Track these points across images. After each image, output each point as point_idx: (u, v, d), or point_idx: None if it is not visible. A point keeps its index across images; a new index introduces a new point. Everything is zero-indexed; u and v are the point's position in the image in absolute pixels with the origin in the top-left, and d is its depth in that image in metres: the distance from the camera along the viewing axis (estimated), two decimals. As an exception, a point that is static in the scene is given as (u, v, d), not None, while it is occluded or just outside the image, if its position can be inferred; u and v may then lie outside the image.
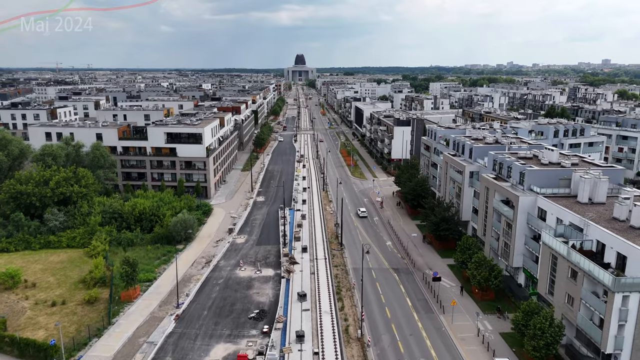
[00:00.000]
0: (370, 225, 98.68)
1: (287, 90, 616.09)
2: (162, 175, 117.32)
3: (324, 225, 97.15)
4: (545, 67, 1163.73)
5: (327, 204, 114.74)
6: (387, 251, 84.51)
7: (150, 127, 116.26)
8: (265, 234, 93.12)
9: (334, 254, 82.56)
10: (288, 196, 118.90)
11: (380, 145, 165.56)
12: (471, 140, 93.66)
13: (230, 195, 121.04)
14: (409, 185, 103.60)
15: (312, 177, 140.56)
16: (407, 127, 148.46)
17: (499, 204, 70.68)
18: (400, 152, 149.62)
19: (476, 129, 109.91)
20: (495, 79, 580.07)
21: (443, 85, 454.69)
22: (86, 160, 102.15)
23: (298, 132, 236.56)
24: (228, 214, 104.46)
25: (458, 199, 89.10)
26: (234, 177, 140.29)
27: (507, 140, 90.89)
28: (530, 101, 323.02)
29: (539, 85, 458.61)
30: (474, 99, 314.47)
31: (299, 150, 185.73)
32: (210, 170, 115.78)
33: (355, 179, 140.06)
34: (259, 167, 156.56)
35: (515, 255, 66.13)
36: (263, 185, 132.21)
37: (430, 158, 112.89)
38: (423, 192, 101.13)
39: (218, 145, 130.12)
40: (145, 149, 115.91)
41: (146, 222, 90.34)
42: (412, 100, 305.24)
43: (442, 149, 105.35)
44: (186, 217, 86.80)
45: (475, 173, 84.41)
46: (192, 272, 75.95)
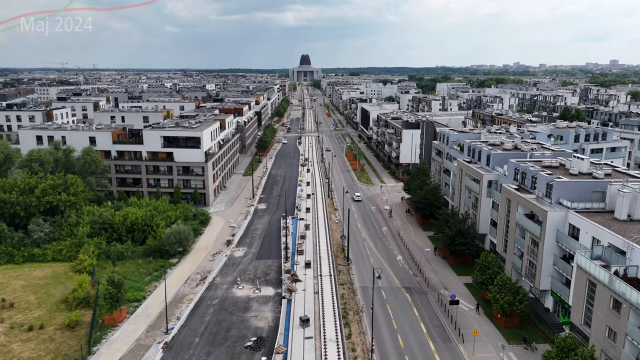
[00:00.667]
0: (379, 236, 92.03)
1: (292, 91, 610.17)
2: (158, 181, 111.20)
3: (329, 236, 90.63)
4: (553, 67, 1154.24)
5: (333, 212, 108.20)
6: (398, 267, 77.85)
7: (146, 131, 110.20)
8: (266, 246, 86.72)
9: (340, 270, 76.00)
10: (291, 203, 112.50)
11: (387, 148, 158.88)
12: (488, 146, 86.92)
13: (230, 202, 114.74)
14: (420, 193, 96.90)
15: (316, 183, 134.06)
16: (417, 130, 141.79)
17: (522, 218, 63.94)
18: (409, 156, 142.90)
19: (492, 134, 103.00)
20: (503, 80, 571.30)
21: (450, 86, 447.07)
22: (77, 166, 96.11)
23: (302, 134, 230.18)
24: (227, 224, 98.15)
25: (474, 209, 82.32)
26: (235, 183, 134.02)
27: (527, 146, 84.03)
28: (540, 102, 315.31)
29: (548, 86, 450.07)
30: (483, 100, 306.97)
31: (303, 154, 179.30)
32: (209, 176, 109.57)
33: (361, 185, 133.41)
34: (261, 171, 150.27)
35: (542, 276, 59.33)
36: (265, 191, 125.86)
37: (442, 164, 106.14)
38: (435, 201, 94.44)
39: (218, 149, 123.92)
40: (141, 153, 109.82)
41: (138, 233, 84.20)
42: (419, 101, 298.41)
43: (455, 155, 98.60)
44: (180, 229, 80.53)
45: (493, 182, 77.66)
46: (185, 290, 69.61)
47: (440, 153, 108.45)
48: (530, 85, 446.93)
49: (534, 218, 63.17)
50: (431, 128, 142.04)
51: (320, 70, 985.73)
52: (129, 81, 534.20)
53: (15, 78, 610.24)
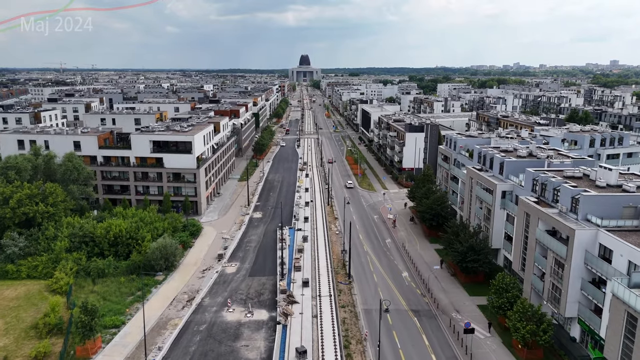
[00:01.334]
0: (382, 249, 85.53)
1: (291, 91, 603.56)
2: (147, 188, 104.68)
3: (328, 249, 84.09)
4: (553, 67, 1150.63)
5: (333, 221, 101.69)
6: (404, 285, 71.34)
7: (134, 135, 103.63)
8: (260, 260, 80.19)
9: (341, 290, 69.49)
10: (288, 212, 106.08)
11: (389, 152, 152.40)
12: (500, 152, 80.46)
13: (223, 210, 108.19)
14: (425, 202, 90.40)
15: (315, 189, 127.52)
16: (420, 133, 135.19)
17: (543, 235, 57.46)
18: (413, 161, 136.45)
19: (503, 138, 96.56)
20: (505, 81, 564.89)
21: (452, 87, 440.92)
22: (58, 174, 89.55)
23: (301, 136, 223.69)
24: (219, 235, 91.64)
25: (486, 222, 75.82)
26: (230, 189, 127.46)
27: (543, 153, 77.55)
28: (544, 103, 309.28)
29: (550, 86, 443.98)
30: (486, 101, 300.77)
31: (302, 157, 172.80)
32: (201, 183, 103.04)
33: (363, 191, 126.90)
34: (257, 176, 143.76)
35: (568, 302, 52.80)
36: (261, 198, 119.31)
37: (449, 170, 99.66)
38: (442, 211, 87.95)
39: (212, 153, 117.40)
40: (129, 159, 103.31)
41: (122, 247, 77.65)
42: (420, 102, 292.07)
43: (464, 161, 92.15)
44: (167, 243, 74.00)
45: (508, 193, 71.21)
46: (170, 313, 63.07)
47: (447, 159, 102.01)
48: (533, 86, 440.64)
49: (556, 234, 56.85)
50: (436, 131, 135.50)
51: (320, 71, 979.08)
52: (127, 82, 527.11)
53: (12, 78, 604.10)
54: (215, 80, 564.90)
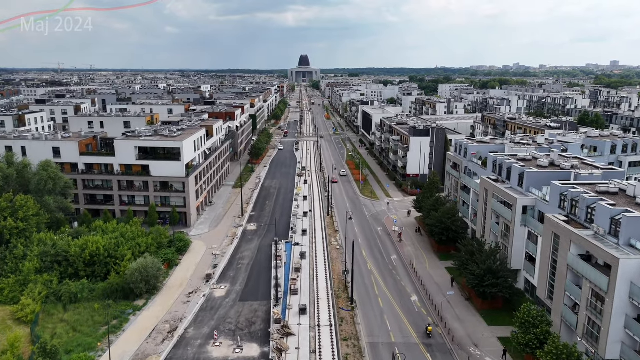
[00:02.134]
0: (388, 268, 77.79)
1: (291, 92, 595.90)
2: (132, 198, 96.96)
3: (328, 268, 76.33)
4: (553, 68, 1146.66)
5: (333, 234, 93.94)
6: (414, 312, 63.63)
7: (119, 141, 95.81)
8: (253, 282, 72.40)
9: (343, 317, 61.80)
10: (285, 223, 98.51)
11: (392, 157, 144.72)
12: (518, 161, 72.80)
13: (215, 221, 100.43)
14: (434, 215, 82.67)
15: (314, 197, 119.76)
16: (426, 137, 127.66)
17: (577, 261, 49.79)
18: (418, 167, 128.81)
19: (518, 145, 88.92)
20: (506, 81, 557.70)
21: (453, 88, 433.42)
22: (32, 184, 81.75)
23: (300, 139, 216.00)
24: (209, 250, 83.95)
25: (505, 239, 68.14)
26: (223, 197, 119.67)
27: (567, 162, 69.81)
28: (549, 105, 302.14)
29: (553, 87, 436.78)
30: (489, 102, 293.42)
31: (301, 161, 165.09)
32: (190, 192, 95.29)
33: (365, 199, 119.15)
34: (253, 182, 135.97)
35: (609, 342, 45.13)
36: (256, 207, 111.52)
37: (459, 179, 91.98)
38: (453, 225, 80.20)
39: (203, 159, 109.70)
40: (113, 166, 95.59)
41: (100, 267, 69.96)
42: (422, 103, 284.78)
43: (476, 170, 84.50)
44: (148, 264, 66.21)
45: (530, 208, 63.57)
46: (147, 348, 55.27)
47: (457, 166, 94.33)
48: (536, 87, 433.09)
49: (590, 259, 49.25)
50: (442, 135, 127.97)
51: (320, 71, 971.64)
52: (124, 82, 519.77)
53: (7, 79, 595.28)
54: (214, 81, 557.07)
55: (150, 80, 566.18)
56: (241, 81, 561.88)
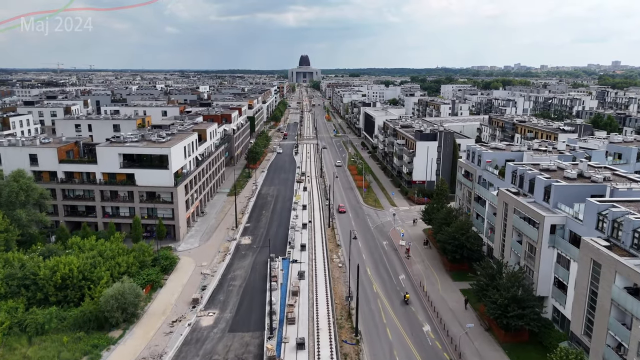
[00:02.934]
0: (396, 290, 70.00)
1: (291, 93, 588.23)
2: (117, 209, 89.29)
3: (329, 291, 68.50)
4: (554, 68, 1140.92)
5: (334, 249, 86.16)
6: (426, 345, 55.83)
7: (101, 147, 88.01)
8: (245, 307, 64.66)
9: (346, 352, 54.03)
10: (282, 235, 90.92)
11: (397, 162, 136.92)
12: (542, 172, 65.05)
13: (207, 234, 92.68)
14: (447, 231, 74.86)
15: (314, 206, 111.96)
16: (433, 142, 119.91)
17: (624, 296, 42.07)
18: (424, 173, 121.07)
19: (537, 152, 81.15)
20: (509, 81, 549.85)
21: (456, 88, 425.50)
22: (2, 196, 74.05)
23: (300, 142, 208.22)
24: (198, 269, 76.23)
25: (529, 261, 60.32)
26: (217, 206, 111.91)
27: (598, 174, 62.00)
28: (555, 106, 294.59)
29: (558, 88, 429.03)
30: (494, 103, 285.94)
31: (300, 166, 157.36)
32: (179, 203, 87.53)
33: (369, 209, 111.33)
34: (250, 189, 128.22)
35: (669, 398, 37.43)
36: (252, 218, 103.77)
37: (472, 189, 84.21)
38: (468, 243, 72.40)
39: (195, 166, 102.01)
40: (95, 175, 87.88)
41: (73, 291, 62.23)
42: (426, 104, 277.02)
43: (492, 180, 76.77)
44: (125, 289, 58.46)
45: (559, 227, 55.84)
46: (119, 394, 47.57)
47: (469, 175, 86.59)
48: (540, 88, 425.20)
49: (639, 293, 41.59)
50: (450, 140, 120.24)
51: (320, 71, 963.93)
52: (122, 82, 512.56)
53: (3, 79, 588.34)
54: (213, 81, 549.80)
55: (148, 80, 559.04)
56: (241, 81, 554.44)
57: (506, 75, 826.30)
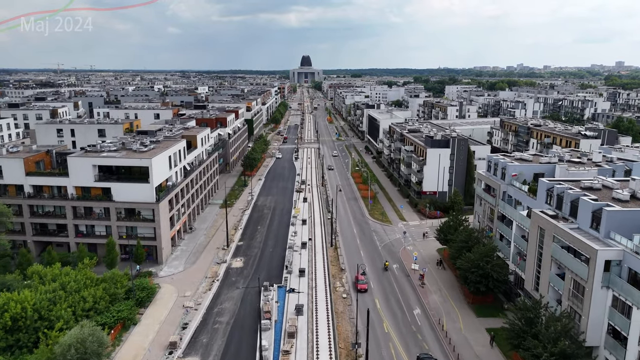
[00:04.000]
0: (410, 328, 59.66)
1: (292, 93, 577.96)
2: (92, 228, 79.06)
3: (332, 331, 58.10)
4: (558, 69, 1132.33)
5: (338, 274, 75.72)
6: (452, 409, 45.45)
7: (73, 158, 77.65)
8: (231, 354, 54.18)
9: (354, 420, 43.66)
10: (278, 257, 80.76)
11: (405, 170, 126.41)
12: (584, 191, 54.64)
13: (194, 255, 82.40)
14: (468, 257, 64.40)
15: (315, 220, 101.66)
16: (445, 149, 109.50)
17: None
18: (436, 183, 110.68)
19: (570, 164, 70.64)
20: (515, 82, 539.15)
21: (461, 89, 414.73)
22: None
23: (300, 146, 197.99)
24: (180, 300, 65.95)
25: (575, 302, 49.82)
26: (208, 220, 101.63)
27: (655, 195, 51.54)
28: (566, 107, 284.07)
29: (566, 89, 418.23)
30: (502, 105, 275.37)
31: (300, 173, 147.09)
32: (161, 221, 77.22)
33: (375, 223, 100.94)
34: (245, 200, 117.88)
35: None
36: (246, 234, 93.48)
37: (495, 207, 73.74)
38: (495, 272, 61.93)
39: (182, 176, 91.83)
40: (66, 189, 77.68)
41: (26, 335, 52.02)
42: (432, 106, 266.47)
43: (521, 198, 66.32)
44: (86, 336, 48.04)
45: (615, 264, 45.43)
46: None
47: (491, 189, 76.16)
48: (547, 88, 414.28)
49: None
50: (464, 147, 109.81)
51: (322, 72, 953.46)
52: (120, 83, 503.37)
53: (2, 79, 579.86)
54: (213, 82, 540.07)
55: (147, 81, 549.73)
56: (241, 82, 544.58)
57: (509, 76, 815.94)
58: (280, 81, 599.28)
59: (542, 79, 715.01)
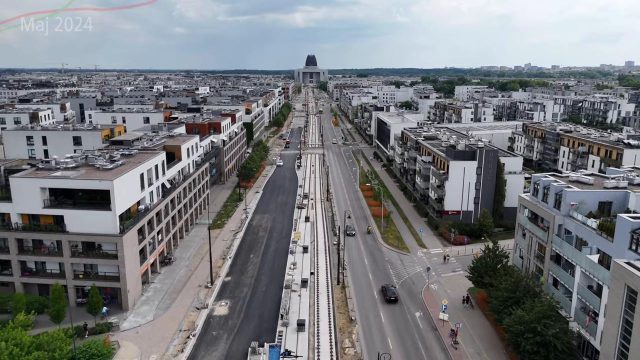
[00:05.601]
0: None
1: (296, 94, 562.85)
2: (42, 265, 64.05)
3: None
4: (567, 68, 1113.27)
5: (346, 327, 60.00)
6: None
7: (16, 178, 62.40)
8: None
9: None
10: (273, 298, 65.58)
11: (421, 183, 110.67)
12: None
13: (169, 297, 67.07)
14: (521, 317, 48.48)
15: (318, 247, 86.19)
16: (471, 162, 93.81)
17: None
18: (459, 201, 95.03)
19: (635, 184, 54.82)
20: (527, 82, 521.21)
21: (473, 89, 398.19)
22: None
23: (304, 151, 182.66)
24: (143, 368, 50.80)
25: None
26: (193, 246, 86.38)
27: None
28: (587, 110, 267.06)
29: (582, 89, 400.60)
30: (519, 107, 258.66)
31: (302, 185, 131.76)
32: (126, 257, 61.92)
33: (390, 251, 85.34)
34: (238, 219, 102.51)
35: None
36: (236, 265, 78.14)
37: (547, 243, 57.94)
38: (559, 342, 46.06)
39: (161, 197, 76.77)
40: (9, 217, 62.67)
41: None
42: (444, 108, 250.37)
43: (587, 237, 50.49)
44: None
45: None
46: None
47: (539, 219, 60.49)
48: (563, 89, 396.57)
49: None
50: (494, 159, 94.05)
51: (327, 72, 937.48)
52: (121, 83, 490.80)
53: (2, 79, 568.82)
54: (216, 82, 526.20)
55: (149, 81, 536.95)
56: (245, 82, 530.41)
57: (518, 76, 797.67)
58: (284, 81, 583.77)
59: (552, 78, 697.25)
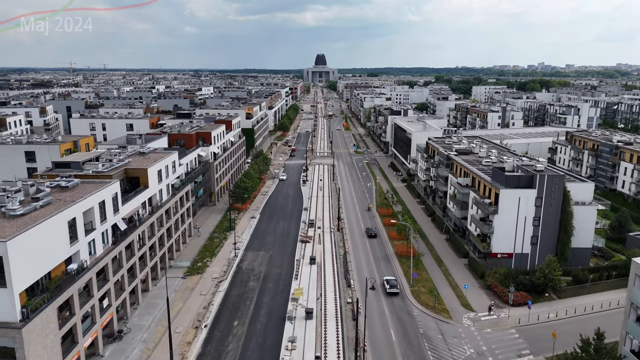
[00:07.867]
0: None
1: (305, 94, 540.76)
2: None
3: None
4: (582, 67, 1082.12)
5: None
6: None
7: None
8: None
9: None
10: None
11: (457, 211, 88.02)
12: None
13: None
14: None
15: (327, 308, 63.92)
16: (529, 190, 71.16)
17: None
18: (512, 241, 72.51)
19: None
20: (548, 82, 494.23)
21: (492, 90, 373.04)
22: None
23: (311, 162, 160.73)
24: None
25: None
26: (157, 307, 64.54)
27: None
28: (624, 113, 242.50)
29: (610, 90, 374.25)
30: (549, 110, 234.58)
31: (308, 206, 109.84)
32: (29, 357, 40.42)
33: (424, 314, 62.86)
34: (225, 258, 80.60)
35: None
36: (211, 341, 56.13)
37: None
38: None
39: (111, 245, 55.32)
40: None
41: None
42: (466, 111, 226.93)
43: None
44: None
45: None
46: None
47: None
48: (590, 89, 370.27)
49: None
50: (560, 187, 71.22)
51: (337, 71, 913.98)
52: (125, 82, 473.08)
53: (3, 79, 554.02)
54: (222, 82, 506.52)
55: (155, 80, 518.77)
56: (252, 82, 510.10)
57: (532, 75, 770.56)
58: (293, 81, 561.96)
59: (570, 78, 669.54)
